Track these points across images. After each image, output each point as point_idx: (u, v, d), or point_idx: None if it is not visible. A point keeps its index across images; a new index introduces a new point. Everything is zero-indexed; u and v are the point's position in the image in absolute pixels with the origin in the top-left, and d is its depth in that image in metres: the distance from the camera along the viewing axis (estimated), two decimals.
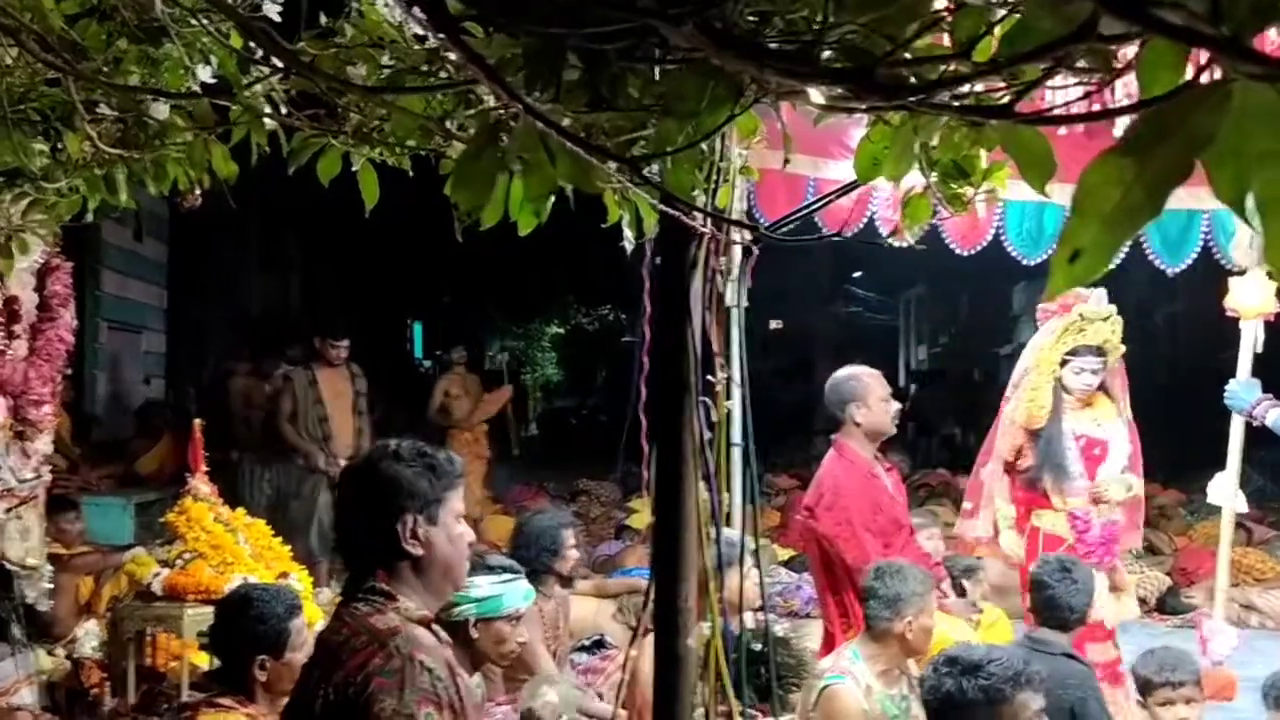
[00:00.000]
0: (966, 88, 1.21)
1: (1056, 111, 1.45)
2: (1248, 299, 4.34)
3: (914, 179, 1.78)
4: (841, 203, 6.27)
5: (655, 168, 1.77)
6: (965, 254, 6.80)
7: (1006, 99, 1.13)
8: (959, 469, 11.78)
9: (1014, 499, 4.75)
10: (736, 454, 6.09)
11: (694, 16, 0.79)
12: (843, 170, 5.13)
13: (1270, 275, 4.12)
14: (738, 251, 6.03)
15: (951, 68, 1.07)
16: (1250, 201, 0.72)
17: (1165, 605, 7.20)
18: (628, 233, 2.07)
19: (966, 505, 5.07)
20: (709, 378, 2.09)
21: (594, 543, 8.45)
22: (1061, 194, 7.01)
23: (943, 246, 6.69)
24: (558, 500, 9.58)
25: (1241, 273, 4.44)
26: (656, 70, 1.26)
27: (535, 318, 17.26)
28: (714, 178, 1.96)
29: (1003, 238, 6.76)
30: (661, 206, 1.87)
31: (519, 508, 8.53)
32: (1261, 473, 9.25)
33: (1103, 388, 4.70)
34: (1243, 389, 4.35)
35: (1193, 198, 6.47)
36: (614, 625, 5.83)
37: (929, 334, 21.27)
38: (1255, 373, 4.41)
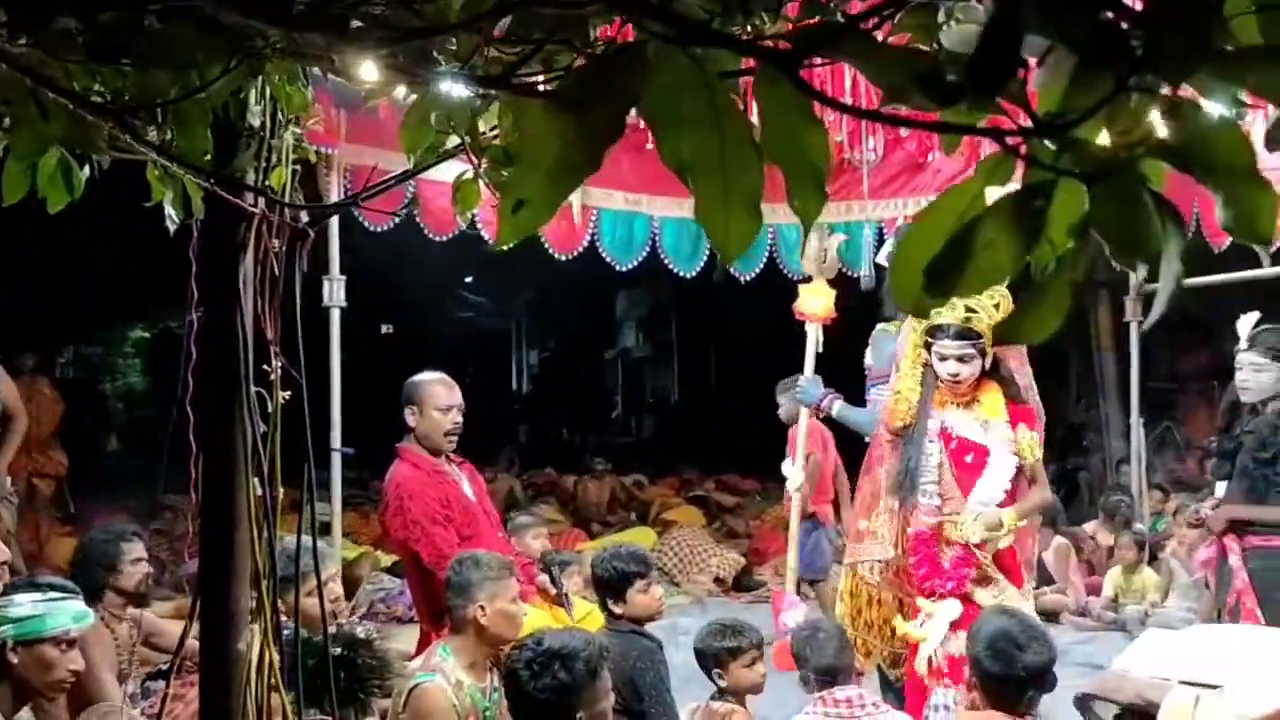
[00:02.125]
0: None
1: None
2: (812, 305, 4.86)
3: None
4: (444, 204, 6.28)
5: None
6: (564, 258, 7.09)
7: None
8: (566, 469, 12.21)
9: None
10: (336, 459, 5.96)
11: None
12: (442, 170, 5.16)
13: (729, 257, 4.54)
14: (334, 250, 5.89)
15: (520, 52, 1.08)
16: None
17: (740, 583, 7.84)
18: (170, 212, 1.92)
19: (861, 524, 4.09)
20: (264, 367, 1.99)
21: (180, 560, 7.84)
22: (650, 204, 7.46)
23: (545, 252, 6.93)
24: (140, 517, 8.79)
25: (807, 280, 4.97)
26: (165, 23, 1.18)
27: (116, 321, 15.77)
28: (264, 155, 1.87)
29: (598, 244, 7.12)
30: (203, 183, 1.75)
31: (92, 528, 7.73)
32: None
33: (997, 377, 3.87)
34: (810, 385, 4.88)
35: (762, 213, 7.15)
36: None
37: (540, 338, 21.87)
38: (818, 370, 4.95)
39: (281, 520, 2.22)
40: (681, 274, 7.46)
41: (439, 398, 4.10)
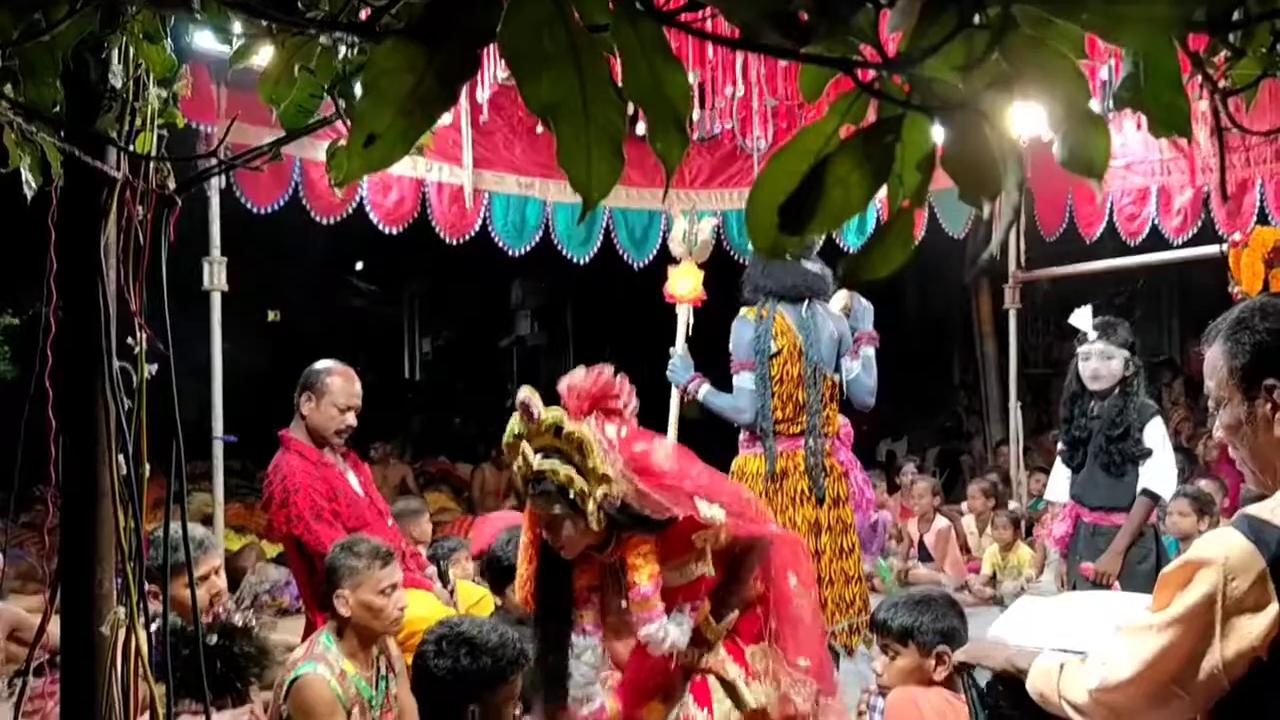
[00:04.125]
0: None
1: None
2: (681, 286, 4.96)
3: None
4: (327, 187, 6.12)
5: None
6: (455, 243, 7.00)
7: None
8: (459, 458, 12.08)
9: None
10: (218, 448, 5.78)
11: None
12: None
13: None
14: (214, 231, 5.70)
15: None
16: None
17: None
18: (27, 177, 1.83)
19: None
20: (129, 340, 1.91)
21: (51, 554, 7.53)
22: (543, 189, 7.42)
23: (438, 237, 6.82)
24: (6, 511, 8.38)
25: (677, 263, 5.05)
26: None
27: None
28: (128, 118, 1.79)
29: (490, 229, 7.05)
30: (60, 144, 1.67)
31: None
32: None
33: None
34: (680, 366, 4.94)
35: (655, 199, 7.21)
36: None
37: (433, 326, 21.58)
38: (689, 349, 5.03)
39: (158, 510, 2.15)
40: (575, 260, 7.45)
41: (340, 395, 4.00)
